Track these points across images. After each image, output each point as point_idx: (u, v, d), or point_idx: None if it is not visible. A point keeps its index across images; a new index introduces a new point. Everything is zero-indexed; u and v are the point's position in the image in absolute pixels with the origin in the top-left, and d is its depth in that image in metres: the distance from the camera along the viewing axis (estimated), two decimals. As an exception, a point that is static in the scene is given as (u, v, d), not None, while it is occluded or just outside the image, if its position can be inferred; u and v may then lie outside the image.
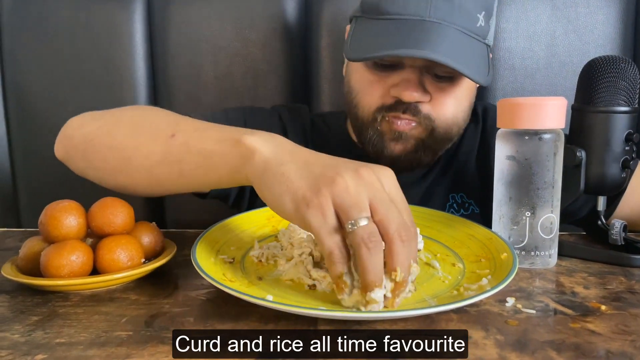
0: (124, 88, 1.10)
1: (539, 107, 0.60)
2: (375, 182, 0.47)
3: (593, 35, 1.06)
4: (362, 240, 0.44)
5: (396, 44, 0.69)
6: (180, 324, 0.48)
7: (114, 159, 0.64)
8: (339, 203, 0.46)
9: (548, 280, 0.59)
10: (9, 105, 1.13)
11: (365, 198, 0.46)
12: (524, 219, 0.62)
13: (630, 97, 0.63)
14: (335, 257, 0.46)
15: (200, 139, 0.58)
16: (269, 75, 1.10)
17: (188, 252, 0.56)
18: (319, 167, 0.49)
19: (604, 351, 0.43)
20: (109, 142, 0.65)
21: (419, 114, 0.75)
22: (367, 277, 0.45)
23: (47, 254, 0.55)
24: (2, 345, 0.44)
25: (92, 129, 0.67)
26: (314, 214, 0.46)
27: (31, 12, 1.09)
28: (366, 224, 0.45)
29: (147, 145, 0.61)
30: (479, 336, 0.45)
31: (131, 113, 0.68)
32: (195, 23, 1.09)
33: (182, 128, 0.60)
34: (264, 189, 0.51)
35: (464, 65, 0.68)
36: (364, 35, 0.74)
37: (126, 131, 0.65)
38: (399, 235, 0.45)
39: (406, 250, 0.46)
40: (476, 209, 0.86)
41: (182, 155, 0.58)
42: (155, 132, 0.62)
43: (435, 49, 0.67)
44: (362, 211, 0.45)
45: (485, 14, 0.73)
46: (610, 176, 0.65)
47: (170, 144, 0.59)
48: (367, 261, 0.44)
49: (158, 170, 0.61)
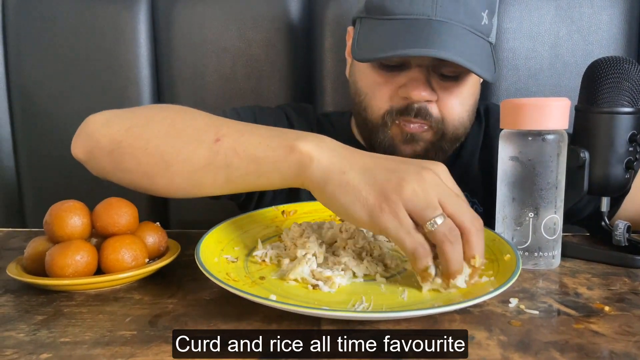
0: (128, 88, 1.10)
1: (542, 107, 0.60)
2: (437, 181, 0.50)
3: (597, 36, 1.06)
4: (445, 236, 0.48)
5: (405, 44, 0.69)
6: (184, 323, 0.48)
7: (150, 163, 0.60)
8: (412, 207, 0.49)
9: (551, 281, 0.59)
10: (13, 106, 1.13)
11: (434, 197, 0.49)
12: (527, 219, 0.62)
13: (634, 97, 0.63)
14: (419, 253, 0.49)
15: (249, 144, 0.56)
16: (273, 75, 1.10)
17: (192, 252, 0.56)
18: (381, 172, 0.51)
19: (607, 352, 0.43)
20: (143, 145, 0.61)
21: (430, 117, 0.76)
22: (452, 267, 0.49)
23: (52, 253, 0.55)
24: (7, 345, 0.44)
25: (120, 129, 0.63)
26: (389, 220, 0.49)
27: (36, 13, 1.10)
28: (444, 221, 0.48)
29: (189, 149, 0.58)
30: (482, 337, 0.45)
31: (163, 114, 0.64)
32: (199, 24, 1.09)
33: (226, 132, 0.58)
34: (329, 198, 0.52)
35: (473, 62, 0.69)
36: (371, 35, 0.74)
37: (162, 133, 0.61)
38: (473, 226, 0.49)
39: (480, 238, 0.50)
40: (480, 208, 0.86)
41: (229, 161, 0.57)
42: (196, 135, 0.59)
43: (445, 47, 0.68)
44: (436, 210, 0.48)
45: (489, 12, 0.73)
46: (614, 177, 0.64)
47: (216, 150, 0.57)
48: (451, 254, 0.48)
49: (202, 174, 0.58)
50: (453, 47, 0.68)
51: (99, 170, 0.66)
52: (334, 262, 0.57)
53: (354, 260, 0.57)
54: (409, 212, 0.49)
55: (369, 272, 0.57)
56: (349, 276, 0.55)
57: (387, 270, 0.58)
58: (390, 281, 0.55)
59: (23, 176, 1.15)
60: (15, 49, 1.11)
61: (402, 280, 0.55)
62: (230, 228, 0.65)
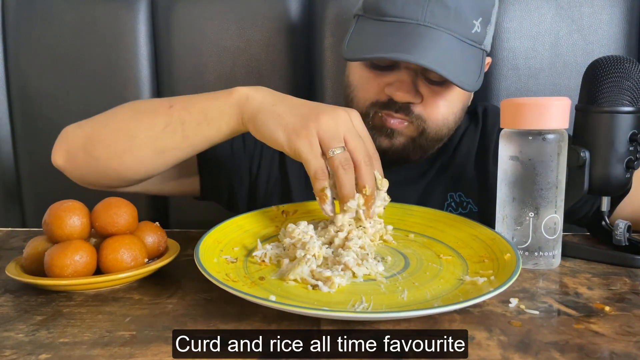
0: (128, 88, 1.10)
1: (542, 107, 0.60)
2: (347, 121, 0.61)
3: (597, 35, 1.06)
4: (340, 163, 0.58)
5: (388, 48, 0.71)
6: (183, 323, 0.48)
7: (118, 140, 0.69)
8: (322, 135, 0.59)
9: (551, 281, 0.59)
10: (13, 106, 1.13)
11: (341, 132, 0.59)
12: (527, 219, 0.62)
13: (634, 97, 0.63)
14: (319, 175, 0.59)
15: (197, 100, 0.67)
16: (273, 75, 1.10)
17: (191, 252, 0.56)
18: (305, 108, 0.61)
19: (607, 352, 0.43)
20: (109, 129, 0.70)
21: (411, 114, 0.77)
22: (344, 190, 0.59)
23: (51, 253, 0.55)
24: (6, 345, 0.44)
25: (89, 126, 0.72)
26: (303, 143, 0.59)
27: (35, 13, 1.10)
28: (342, 152, 0.59)
29: (149, 119, 0.68)
30: (482, 337, 0.45)
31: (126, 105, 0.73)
32: (199, 23, 1.09)
33: (178, 100, 0.69)
34: (259, 126, 0.62)
35: (450, 71, 0.70)
36: (361, 35, 0.76)
37: (126, 116, 0.71)
38: (364, 161, 0.59)
39: (370, 171, 0.60)
40: (474, 207, 0.86)
41: (183, 118, 0.66)
42: (153, 108, 0.69)
43: (425, 54, 0.69)
44: (339, 142, 0.59)
45: (482, 21, 0.74)
46: (615, 177, 0.64)
47: (170, 113, 0.67)
48: (343, 179, 0.58)
49: (163, 138, 0.67)
50: (434, 55, 0.70)
51: (76, 170, 0.73)
52: (333, 262, 0.57)
53: (353, 260, 0.57)
54: (320, 140, 0.59)
55: (369, 272, 0.57)
56: (349, 276, 0.55)
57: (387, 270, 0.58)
58: (390, 281, 0.55)
59: (23, 176, 1.15)
60: (15, 49, 1.11)
61: (402, 280, 0.55)
62: (230, 228, 0.65)
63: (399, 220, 0.71)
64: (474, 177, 0.88)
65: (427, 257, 0.62)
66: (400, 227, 0.70)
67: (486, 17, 0.75)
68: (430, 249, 0.64)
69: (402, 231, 0.70)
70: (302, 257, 0.56)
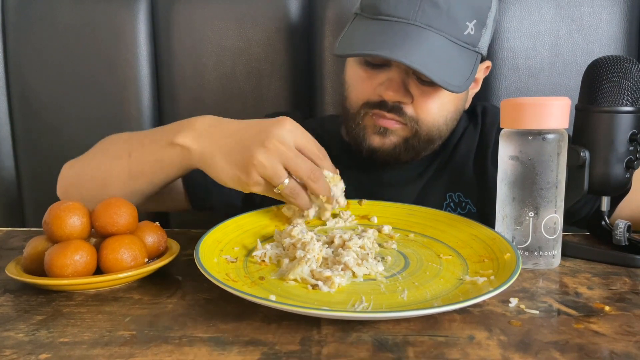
0: (127, 88, 1.10)
1: (542, 107, 0.60)
2: (279, 147, 0.62)
3: (597, 35, 1.06)
4: (291, 193, 0.64)
5: (374, 45, 0.72)
6: (183, 323, 0.48)
7: (96, 187, 0.75)
8: (264, 176, 0.62)
9: (551, 280, 0.59)
10: (13, 106, 1.13)
11: (278, 165, 0.62)
12: (527, 219, 0.62)
13: (634, 97, 0.63)
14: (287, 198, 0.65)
15: (147, 151, 0.71)
16: (273, 75, 1.10)
17: (191, 252, 0.56)
18: (237, 153, 0.63)
19: (607, 352, 0.43)
20: (89, 174, 0.77)
21: (404, 115, 0.78)
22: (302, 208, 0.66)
23: (51, 253, 0.55)
24: (6, 345, 0.44)
25: (77, 167, 0.79)
26: (256, 189, 0.63)
27: (35, 13, 1.10)
28: (286, 184, 0.63)
29: (116, 169, 0.74)
30: (482, 336, 0.45)
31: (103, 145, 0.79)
32: (199, 23, 1.09)
33: (135, 145, 0.73)
34: (212, 175, 0.66)
35: (435, 71, 0.70)
36: (353, 33, 0.77)
37: (99, 162, 0.77)
38: (309, 179, 0.63)
39: (319, 183, 0.64)
40: (473, 208, 0.86)
41: (141, 168, 0.72)
42: (118, 154, 0.74)
43: (409, 53, 0.69)
44: (280, 177, 0.62)
45: (477, 23, 0.74)
46: (615, 176, 0.64)
47: (130, 163, 0.73)
48: (298, 202, 0.65)
49: (130, 184, 0.73)
50: (418, 54, 0.70)
51: None
52: (333, 262, 0.57)
53: (353, 260, 0.57)
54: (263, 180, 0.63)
55: (369, 272, 0.57)
56: (349, 276, 0.55)
57: (387, 270, 0.58)
58: (390, 281, 0.55)
59: (22, 176, 1.15)
60: (15, 49, 1.11)
61: (402, 280, 0.55)
62: (230, 228, 0.65)
63: (399, 220, 0.71)
64: (472, 178, 0.88)
65: (427, 257, 0.62)
66: (400, 227, 0.70)
67: (481, 19, 0.75)
68: (430, 249, 0.64)
69: (402, 231, 0.70)
70: (302, 257, 0.56)
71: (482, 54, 0.78)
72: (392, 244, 0.65)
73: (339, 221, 0.72)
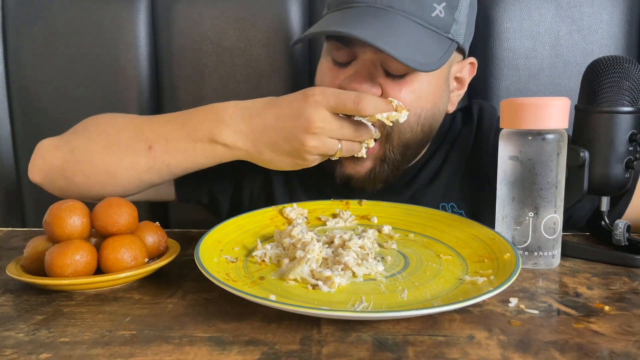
0: (127, 87, 1.10)
1: (542, 107, 0.60)
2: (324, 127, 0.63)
3: (597, 35, 1.06)
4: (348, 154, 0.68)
5: (327, 25, 0.70)
6: (184, 323, 0.48)
7: (98, 174, 0.70)
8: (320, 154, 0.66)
9: (551, 280, 0.59)
10: (13, 105, 1.13)
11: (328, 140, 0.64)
12: (527, 219, 0.62)
13: (634, 97, 0.63)
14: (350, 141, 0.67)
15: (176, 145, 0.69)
16: (273, 75, 1.10)
17: (191, 251, 0.56)
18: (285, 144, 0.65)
19: (607, 352, 0.43)
20: (88, 159, 0.70)
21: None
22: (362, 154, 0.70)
23: (52, 253, 0.55)
24: (7, 344, 0.44)
25: (67, 150, 0.72)
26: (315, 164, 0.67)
27: (35, 12, 1.10)
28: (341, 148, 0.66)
29: (130, 159, 0.69)
30: (482, 336, 0.45)
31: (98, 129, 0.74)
32: (199, 23, 1.09)
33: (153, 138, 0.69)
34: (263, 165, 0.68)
35: (398, 49, 0.65)
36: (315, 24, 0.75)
37: (101, 147, 0.71)
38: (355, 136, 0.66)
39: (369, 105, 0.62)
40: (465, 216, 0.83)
41: (167, 161, 0.69)
42: (130, 145, 0.70)
43: (366, 30, 0.65)
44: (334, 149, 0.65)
45: (447, 6, 0.69)
46: (614, 176, 0.64)
47: (153, 156, 0.69)
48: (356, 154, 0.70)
49: (147, 176, 0.70)
50: (376, 31, 0.65)
51: (55, 190, 0.74)
52: (333, 262, 0.57)
53: (353, 260, 0.57)
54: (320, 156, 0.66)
55: (369, 271, 0.57)
56: (349, 276, 0.55)
57: (387, 270, 0.58)
58: (390, 281, 0.55)
59: (23, 175, 1.15)
60: (15, 49, 1.11)
61: (402, 280, 0.55)
62: (230, 228, 0.65)
63: (399, 220, 0.72)
64: (467, 186, 0.83)
65: (427, 257, 0.62)
66: (400, 227, 0.70)
67: (452, 2, 0.70)
68: (430, 249, 0.64)
69: (401, 231, 0.70)
70: (302, 257, 0.56)
71: (457, 42, 0.72)
72: (392, 244, 0.65)
73: (339, 221, 0.72)
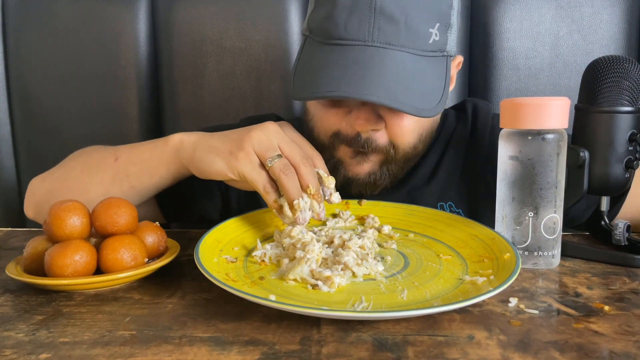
0: (128, 88, 1.10)
1: (542, 107, 0.60)
2: (278, 131, 0.64)
3: (597, 35, 1.06)
4: (280, 170, 0.61)
5: (337, 84, 0.63)
6: (183, 323, 0.48)
7: (74, 195, 0.71)
8: (257, 149, 0.62)
9: (551, 280, 0.59)
10: (13, 105, 1.13)
11: (274, 142, 0.63)
12: (527, 219, 0.62)
13: (634, 97, 0.63)
14: (267, 188, 0.62)
15: (138, 152, 0.72)
16: (273, 75, 1.10)
17: (191, 251, 0.56)
18: (236, 133, 0.64)
19: (607, 352, 0.43)
20: (67, 184, 0.75)
21: (377, 147, 0.71)
22: (290, 195, 0.61)
23: (51, 253, 0.55)
24: (6, 344, 0.44)
25: (51, 181, 0.78)
26: (243, 162, 0.62)
27: (36, 12, 1.10)
28: (280, 159, 0.61)
29: (98, 174, 0.73)
30: (481, 336, 0.45)
31: (79, 159, 0.78)
32: (199, 23, 1.09)
33: (122, 151, 0.73)
34: (198, 164, 0.65)
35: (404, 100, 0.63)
36: (308, 68, 0.69)
37: (78, 171, 0.76)
38: (302, 163, 0.62)
39: (310, 171, 0.63)
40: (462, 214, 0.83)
41: (128, 170, 0.71)
42: (101, 162, 0.74)
43: (373, 86, 0.62)
44: (275, 151, 0.62)
45: (440, 26, 0.67)
46: (614, 176, 0.64)
47: (117, 166, 0.72)
48: (286, 183, 0.61)
49: (112, 190, 0.72)
50: (383, 83, 0.63)
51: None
52: (333, 262, 0.57)
53: (353, 260, 0.57)
54: (256, 154, 0.62)
55: (368, 271, 0.57)
56: (349, 276, 0.55)
57: (387, 270, 0.58)
58: (390, 281, 0.55)
59: (23, 176, 1.15)
60: (15, 48, 1.11)
61: (402, 280, 0.55)
62: (230, 228, 0.65)
63: (399, 220, 0.72)
64: (464, 184, 0.82)
65: (427, 257, 0.62)
66: (400, 226, 0.70)
67: (444, 21, 0.67)
68: (430, 249, 0.64)
69: (401, 231, 0.70)
70: (302, 257, 0.56)
71: (451, 55, 0.71)
72: (392, 244, 0.65)
73: (339, 221, 0.72)
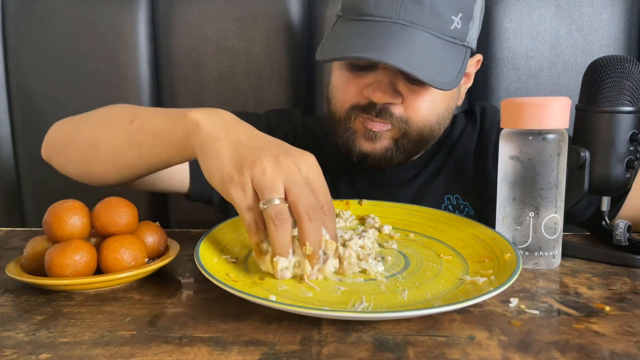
0: (128, 88, 1.10)
1: (542, 107, 0.60)
2: (291, 167, 0.53)
3: (597, 35, 1.06)
4: (271, 217, 0.51)
5: (358, 47, 0.69)
6: (184, 323, 0.48)
7: (85, 149, 0.69)
8: (256, 184, 0.52)
9: (552, 280, 0.59)
10: (13, 105, 1.13)
11: (280, 181, 0.52)
12: (527, 219, 0.62)
13: (634, 97, 0.63)
14: (252, 228, 0.53)
15: (154, 120, 0.64)
16: (273, 74, 1.10)
17: (191, 251, 0.56)
18: (245, 150, 0.55)
19: (608, 352, 0.43)
20: (81, 135, 0.71)
21: (392, 117, 0.76)
22: (275, 248, 0.52)
23: (51, 253, 0.55)
24: (6, 345, 0.44)
25: (69, 127, 0.73)
26: (236, 191, 0.53)
27: (35, 13, 1.10)
28: (276, 204, 0.51)
29: (111, 133, 0.67)
30: (482, 337, 0.45)
31: (102, 110, 0.73)
32: (199, 23, 1.09)
33: (140, 114, 0.66)
34: (200, 161, 0.57)
35: (422, 70, 0.68)
36: (336, 36, 0.75)
37: (95, 124, 0.71)
38: (307, 215, 0.52)
39: (315, 226, 0.52)
40: (471, 210, 0.85)
41: (140, 137, 0.64)
42: (118, 120, 0.68)
43: (395, 53, 0.67)
44: (273, 192, 0.52)
45: (463, 16, 0.72)
46: (615, 176, 0.64)
47: (130, 130, 0.65)
48: (274, 235, 0.51)
49: (122, 154, 0.66)
50: (404, 54, 0.68)
51: (59, 166, 0.74)
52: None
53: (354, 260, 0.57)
54: (255, 189, 0.52)
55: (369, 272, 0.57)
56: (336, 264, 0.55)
57: (388, 270, 0.58)
58: (390, 281, 0.55)
59: (23, 176, 1.15)
60: (15, 49, 1.11)
61: (402, 280, 0.55)
62: (230, 228, 0.65)
63: (400, 220, 0.71)
64: (471, 179, 0.87)
65: (427, 257, 0.62)
66: (400, 227, 0.70)
67: (467, 12, 0.73)
68: (431, 249, 0.64)
69: (402, 231, 0.70)
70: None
71: (471, 48, 0.76)
72: (393, 244, 0.65)
73: (339, 221, 0.72)
